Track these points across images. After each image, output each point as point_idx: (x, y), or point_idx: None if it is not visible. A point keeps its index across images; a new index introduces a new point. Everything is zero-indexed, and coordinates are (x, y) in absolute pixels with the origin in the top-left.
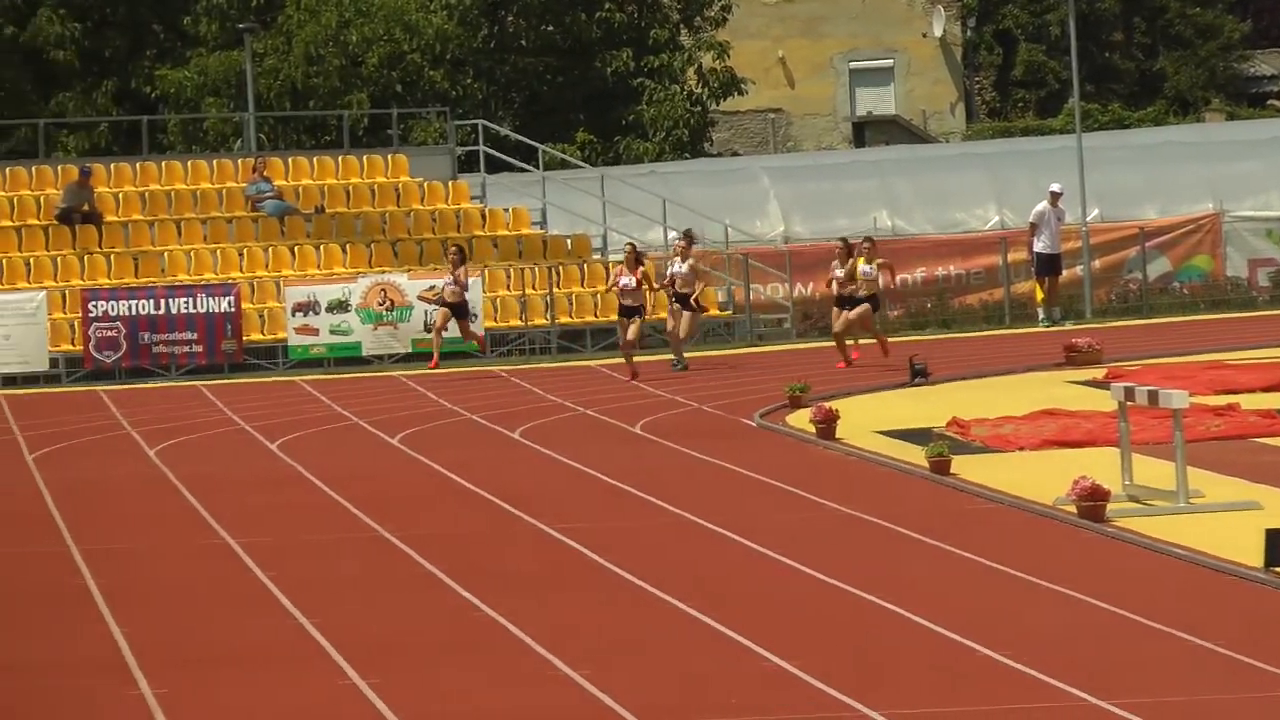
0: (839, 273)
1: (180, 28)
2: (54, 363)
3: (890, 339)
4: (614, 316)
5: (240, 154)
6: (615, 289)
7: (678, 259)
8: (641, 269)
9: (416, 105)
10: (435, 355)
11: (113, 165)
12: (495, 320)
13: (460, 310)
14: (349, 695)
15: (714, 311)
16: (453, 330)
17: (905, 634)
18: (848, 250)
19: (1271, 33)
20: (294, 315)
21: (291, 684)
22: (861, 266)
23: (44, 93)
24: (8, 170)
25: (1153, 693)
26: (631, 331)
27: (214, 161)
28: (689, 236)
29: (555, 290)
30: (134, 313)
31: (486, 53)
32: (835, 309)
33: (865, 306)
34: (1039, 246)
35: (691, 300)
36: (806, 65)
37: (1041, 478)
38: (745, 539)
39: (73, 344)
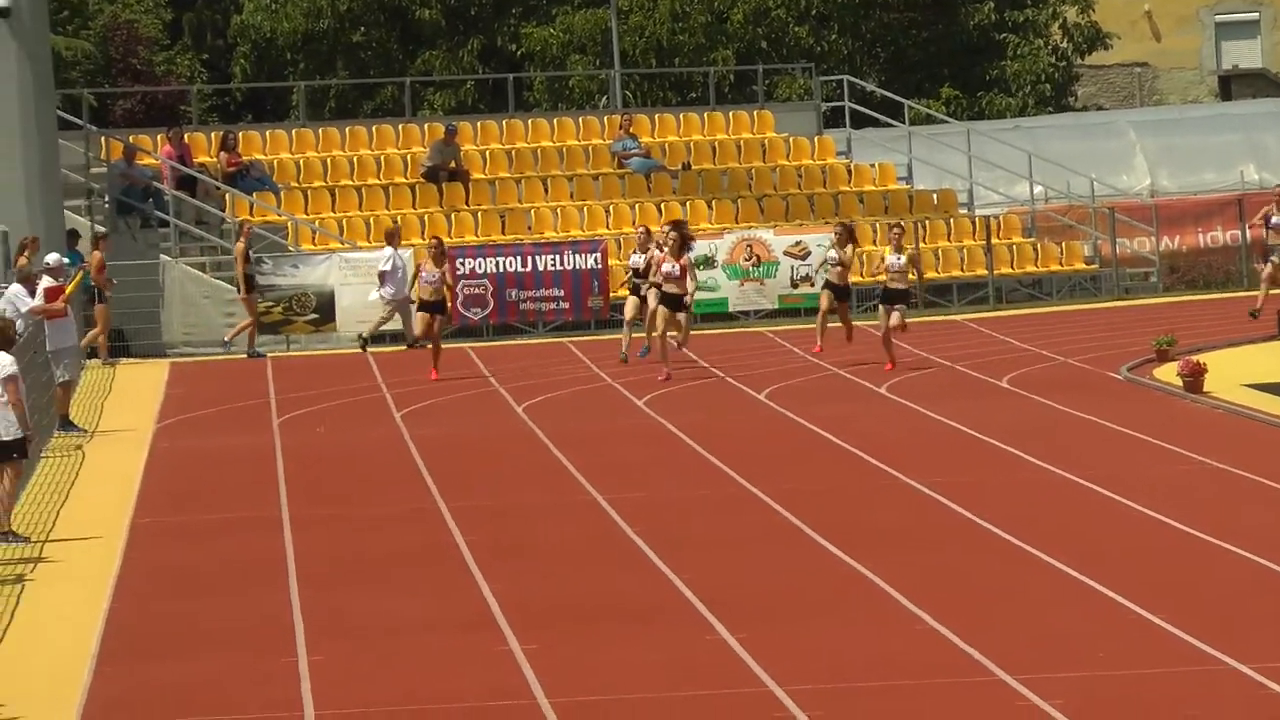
0: (833, 254)
1: None
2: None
3: (1256, 292)
4: (980, 270)
5: (606, 111)
6: (658, 273)
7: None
8: (688, 255)
9: (781, 61)
10: (435, 366)
11: (479, 123)
12: (861, 275)
13: (439, 307)
14: (717, 650)
15: (1080, 266)
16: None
17: (1274, 588)
18: (848, 234)
19: None
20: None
21: (659, 639)
22: (889, 257)
23: (410, 51)
24: (374, 129)
25: None
26: (683, 320)
27: (580, 119)
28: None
29: (921, 245)
30: (500, 270)
31: (851, 8)
32: (825, 292)
33: (903, 310)
34: None
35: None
36: (1172, 18)
37: None
38: (1112, 493)
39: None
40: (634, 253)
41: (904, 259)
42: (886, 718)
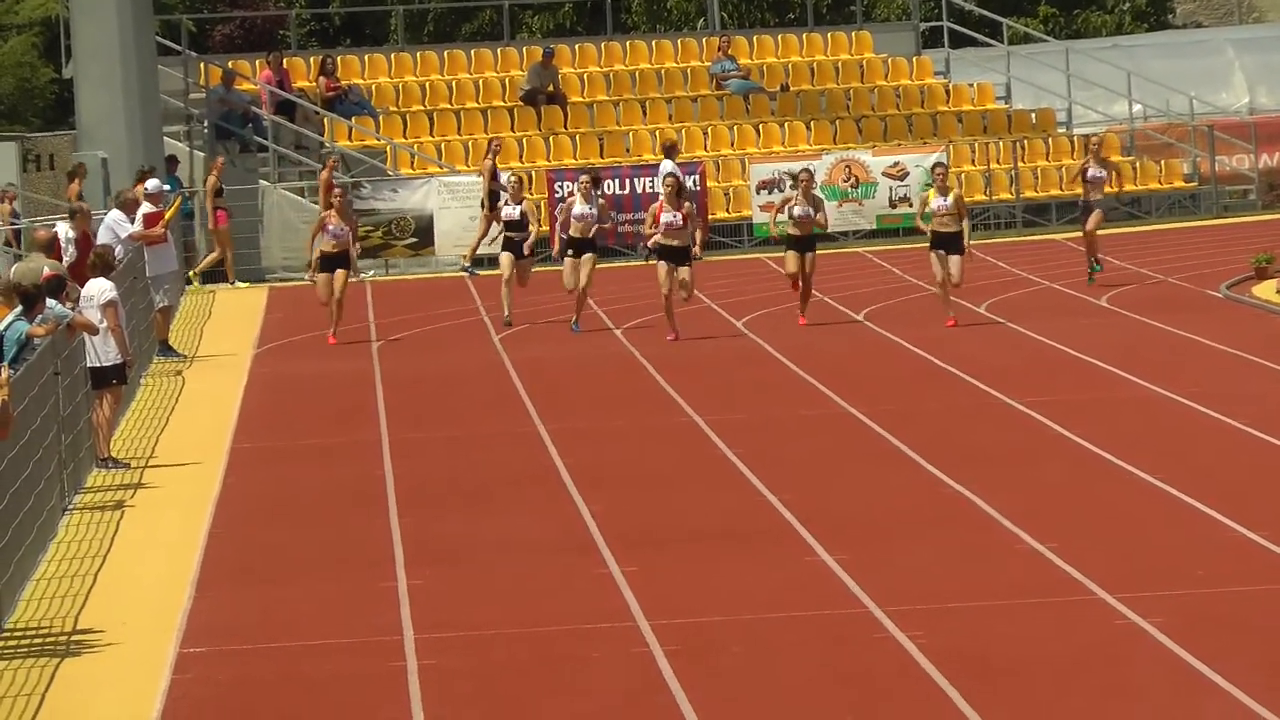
0: (798, 209)
1: None
2: None
3: None
4: (1078, 190)
5: (704, 33)
6: (657, 230)
7: (577, 198)
8: (687, 204)
9: None
10: (334, 331)
11: (577, 46)
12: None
13: (342, 262)
14: (817, 571)
15: (1178, 184)
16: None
17: None
18: (810, 179)
19: None
20: (759, 193)
21: (758, 561)
22: (935, 200)
23: None
24: (473, 52)
25: None
26: (687, 274)
27: (678, 41)
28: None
29: (1020, 164)
30: (598, 193)
31: None
32: (791, 253)
33: (960, 262)
34: None
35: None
36: None
37: None
38: (1212, 410)
39: (539, 224)
40: (506, 204)
41: (951, 200)
42: (987, 638)
